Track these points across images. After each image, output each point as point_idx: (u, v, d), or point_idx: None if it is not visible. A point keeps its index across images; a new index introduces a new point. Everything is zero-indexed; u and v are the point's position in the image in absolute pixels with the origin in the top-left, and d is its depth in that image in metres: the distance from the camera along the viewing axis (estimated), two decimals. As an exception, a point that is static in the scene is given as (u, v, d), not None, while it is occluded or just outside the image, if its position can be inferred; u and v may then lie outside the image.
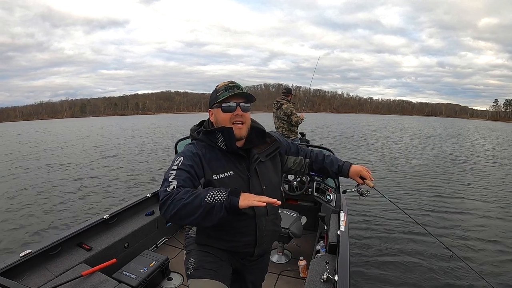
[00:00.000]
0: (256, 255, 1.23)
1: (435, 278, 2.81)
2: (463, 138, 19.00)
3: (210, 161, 1.12)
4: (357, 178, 1.34)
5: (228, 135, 1.11)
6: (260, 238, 1.19)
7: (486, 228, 4.06)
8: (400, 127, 30.36)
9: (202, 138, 1.17)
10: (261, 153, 1.20)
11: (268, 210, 1.20)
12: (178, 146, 3.00)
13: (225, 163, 1.13)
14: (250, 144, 1.19)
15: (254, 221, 1.16)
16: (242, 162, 1.16)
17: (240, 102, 1.12)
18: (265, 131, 1.26)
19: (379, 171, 7.59)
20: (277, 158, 1.29)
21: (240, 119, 1.12)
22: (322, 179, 2.93)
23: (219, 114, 1.13)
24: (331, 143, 13.59)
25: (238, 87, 1.12)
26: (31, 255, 1.68)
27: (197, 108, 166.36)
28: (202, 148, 1.14)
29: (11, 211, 4.82)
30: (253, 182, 1.15)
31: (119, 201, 5.16)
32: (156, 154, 10.83)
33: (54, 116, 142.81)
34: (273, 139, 1.26)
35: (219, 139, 1.13)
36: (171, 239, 2.79)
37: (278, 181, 1.29)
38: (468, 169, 8.37)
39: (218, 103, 1.13)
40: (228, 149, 1.13)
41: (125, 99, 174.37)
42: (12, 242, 3.66)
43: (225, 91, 1.11)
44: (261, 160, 1.19)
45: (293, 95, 4.46)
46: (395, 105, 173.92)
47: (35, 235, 3.87)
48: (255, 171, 1.17)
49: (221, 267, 1.18)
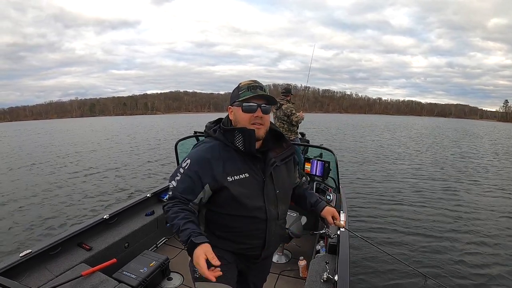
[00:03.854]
0: (262, 257, 1.23)
1: (435, 278, 2.81)
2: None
3: (225, 161, 1.09)
4: (329, 217, 1.29)
5: (249, 137, 1.08)
6: (269, 242, 1.19)
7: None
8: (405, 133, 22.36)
9: (219, 136, 1.14)
10: (277, 156, 1.19)
11: (279, 214, 1.20)
12: (178, 147, 3.00)
13: (241, 165, 1.11)
14: (266, 146, 1.17)
15: (265, 224, 1.15)
16: (258, 164, 1.14)
17: (261, 104, 1.10)
18: (282, 134, 1.24)
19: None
20: (291, 163, 1.28)
21: (259, 121, 1.10)
22: (322, 179, 2.93)
23: (239, 113, 1.11)
24: (331, 144, 13.62)
25: (261, 88, 1.10)
26: (31, 255, 1.68)
27: (206, 108, 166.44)
28: (216, 148, 1.12)
29: (11, 211, 4.82)
30: (267, 186, 1.14)
31: (119, 200, 5.17)
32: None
33: (63, 115, 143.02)
34: (288, 144, 1.25)
35: (238, 140, 1.10)
36: (171, 239, 2.79)
37: (291, 186, 1.29)
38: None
39: (239, 102, 1.11)
40: (246, 150, 1.10)
41: (134, 99, 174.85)
42: (12, 242, 3.66)
43: (247, 91, 1.09)
44: (277, 164, 1.18)
45: (292, 95, 4.47)
46: (404, 106, 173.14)
47: (35, 235, 3.87)
48: (270, 175, 1.15)
49: (228, 269, 1.16)
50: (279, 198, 1.18)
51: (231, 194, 1.08)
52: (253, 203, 1.12)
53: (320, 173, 2.91)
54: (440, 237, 3.72)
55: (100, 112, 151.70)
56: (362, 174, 7.30)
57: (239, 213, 1.12)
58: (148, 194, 2.74)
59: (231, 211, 1.12)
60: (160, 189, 2.91)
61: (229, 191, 1.08)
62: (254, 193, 1.12)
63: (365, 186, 6.19)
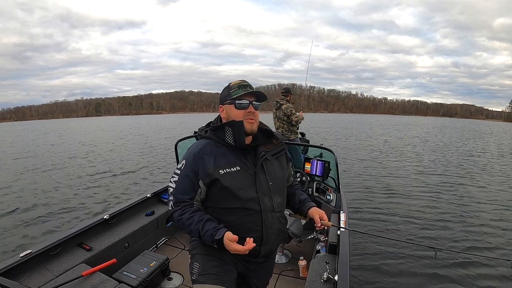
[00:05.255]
0: (262, 255, 1.22)
1: (436, 277, 2.81)
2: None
3: (216, 157, 1.14)
4: (316, 216, 1.28)
5: (238, 128, 1.14)
6: (266, 235, 1.19)
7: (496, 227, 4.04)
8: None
9: (210, 135, 1.20)
10: (268, 151, 1.23)
11: (275, 206, 1.20)
12: (178, 146, 3.00)
13: (232, 158, 1.16)
14: (256, 142, 1.22)
15: (260, 216, 1.16)
16: (249, 158, 1.19)
17: (252, 100, 1.17)
18: (272, 131, 1.29)
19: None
20: (283, 157, 1.32)
21: (252, 116, 1.17)
22: (322, 179, 2.93)
23: (232, 110, 1.17)
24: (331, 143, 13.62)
25: (250, 86, 1.20)
26: (31, 255, 1.68)
27: (211, 108, 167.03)
28: (208, 145, 1.17)
29: (11, 211, 4.82)
30: (259, 178, 1.17)
31: (120, 200, 5.16)
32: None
33: (69, 115, 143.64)
34: (279, 141, 1.30)
35: (228, 134, 1.16)
36: (171, 239, 2.79)
37: (284, 178, 1.31)
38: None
39: (231, 100, 1.17)
40: (236, 143, 1.15)
41: (140, 98, 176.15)
42: (12, 242, 3.66)
43: (238, 89, 1.17)
44: (267, 158, 1.22)
45: (292, 95, 4.46)
46: (410, 106, 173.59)
47: (35, 235, 3.87)
48: (261, 167, 1.19)
49: (226, 271, 1.18)
50: (272, 190, 1.20)
51: (224, 186, 1.12)
52: (246, 194, 1.14)
53: (320, 173, 2.91)
54: (444, 236, 3.72)
55: (106, 111, 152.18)
56: (362, 174, 7.31)
57: (233, 205, 1.14)
58: (148, 194, 2.74)
59: (225, 205, 1.15)
60: (160, 189, 2.91)
61: (222, 184, 1.12)
62: (246, 185, 1.15)
63: (365, 186, 6.19)
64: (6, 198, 5.60)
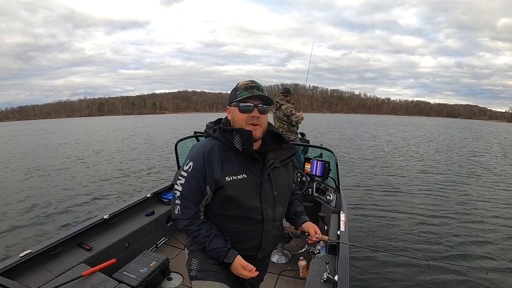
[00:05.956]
0: (258, 259, 1.23)
1: (436, 277, 2.80)
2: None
3: (223, 161, 1.10)
4: (311, 230, 1.29)
5: (246, 138, 1.09)
6: (265, 243, 1.19)
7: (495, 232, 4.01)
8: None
9: (218, 136, 1.14)
10: (276, 158, 1.18)
11: (276, 216, 1.20)
12: (178, 147, 3.00)
13: (238, 165, 1.11)
14: (265, 147, 1.17)
15: (262, 226, 1.15)
16: (256, 166, 1.14)
17: (258, 104, 1.10)
18: (281, 135, 1.23)
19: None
20: (290, 164, 1.28)
21: (255, 121, 1.10)
22: (322, 179, 2.92)
23: (236, 113, 1.12)
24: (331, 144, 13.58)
25: (258, 88, 1.10)
26: (31, 255, 1.68)
27: (214, 108, 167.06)
28: (215, 147, 1.12)
29: (11, 211, 4.84)
30: (265, 188, 1.15)
31: (121, 200, 5.18)
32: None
33: (72, 114, 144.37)
34: (289, 145, 1.24)
35: (236, 140, 1.10)
36: (171, 239, 2.79)
37: (290, 185, 1.29)
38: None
39: (236, 102, 1.11)
40: (244, 151, 1.10)
41: (143, 98, 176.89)
42: (12, 242, 3.67)
43: (244, 91, 1.10)
44: (276, 166, 1.17)
45: (292, 95, 4.46)
46: (413, 106, 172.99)
47: (35, 235, 3.88)
48: (268, 177, 1.16)
49: (224, 268, 1.17)
50: (276, 200, 1.18)
51: (228, 194, 1.09)
52: (249, 204, 1.12)
53: (320, 173, 2.90)
54: (443, 235, 3.70)
55: (109, 111, 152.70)
56: (362, 174, 7.29)
57: (236, 214, 1.12)
58: (148, 194, 2.74)
59: (227, 212, 1.13)
60: (161, 189, 2.91)
61: (227, 191, 1.08)
62: (251, 194, 1.12)
63: (365, 186, 6.17)
64: (6, 198, 5.63)
